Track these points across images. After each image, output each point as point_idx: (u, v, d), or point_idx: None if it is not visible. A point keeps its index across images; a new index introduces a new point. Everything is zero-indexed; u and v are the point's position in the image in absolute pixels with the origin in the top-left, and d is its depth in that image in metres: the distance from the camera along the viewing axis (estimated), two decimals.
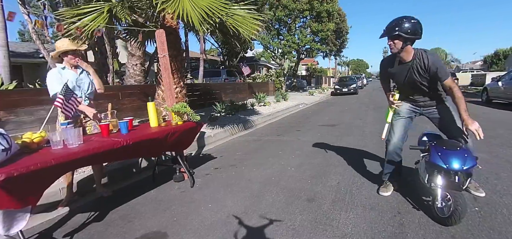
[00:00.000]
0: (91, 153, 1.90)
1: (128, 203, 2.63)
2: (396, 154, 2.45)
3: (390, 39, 2.09)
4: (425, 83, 2.20)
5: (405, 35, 1.99)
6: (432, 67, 2.05)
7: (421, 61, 2.08)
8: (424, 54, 2.09)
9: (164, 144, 2.57)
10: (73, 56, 2.56)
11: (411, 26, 2.00)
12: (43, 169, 1.62)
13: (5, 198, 1.48)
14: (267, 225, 2.11)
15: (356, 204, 2.38)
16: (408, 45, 2.07)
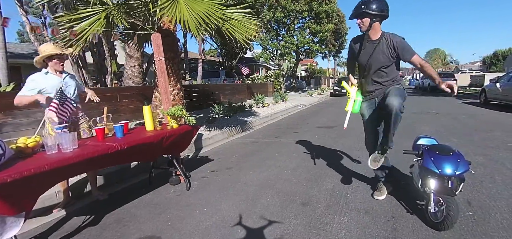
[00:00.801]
0: (86, 158, 1.91)
1: (123, 207, 2.64)
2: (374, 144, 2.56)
3: (359, 17, 2.20)
4: (387, 63, 2.25)
5: (372, 12, 2.11)
6: (399, 45, 2.15)
7: (389, 40, 2.18)
8: (392, 35, 2.21)
9: (160, 148, 2.58)
10: (58, 61, 2.50)
11: (377, 4, 2.11)
12: (37, 174, 1.63)
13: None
14: (261, 229, 2.12)
15: (351, 208, 2.39)
16: (376, 23, 2.17)
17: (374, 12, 2.12)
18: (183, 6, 3.36)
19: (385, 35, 2.21)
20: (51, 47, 2.50)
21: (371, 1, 2.12)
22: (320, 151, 4.34)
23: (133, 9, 3.45)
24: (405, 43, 2.16)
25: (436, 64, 36.88)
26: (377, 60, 2.24)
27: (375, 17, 2.13)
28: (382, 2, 2.14)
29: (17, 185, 1.56)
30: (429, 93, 17.28)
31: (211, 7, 3.45)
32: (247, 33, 3.72)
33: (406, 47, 2.15)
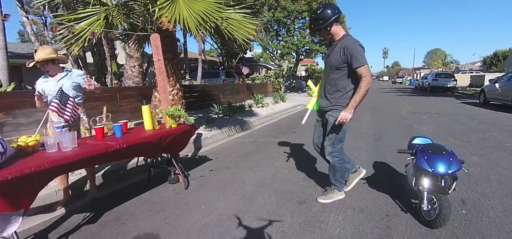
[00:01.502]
0: (84, 156, 1.95)
1: (122, 205, 2.68)
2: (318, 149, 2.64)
3: (321, 33, 2.29)
4: (338, 66, 2.22)
5: (322, 26, 2.21)
6: (350, 51, 2.11)
7: (343, 43, 2.18)
8: (348, 39, 2.19)
9: (158, 147, 2.61)
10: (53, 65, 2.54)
11: (323, 15, 2.19)
12: (37, 172, 1.67)
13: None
14: (257, 227, 2.15)
15: (346, 206, 2.42)
16: (332, 28, 2.21)
17: (322, 25, 2.20)
18: (183, 6, 3.39)
19: (344, 38, 2.22)
20: (43, 53, 2.48)
21: (316, 18, 2.22)
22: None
23: (132, 10, 3.49)
24: (355, 51, 2.10)
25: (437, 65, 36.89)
26: (331, 61, 2.27)
27: (326, 27, 2.20)
28: (325, 10, 2.19)
29: (18, 183, 1.59)
30: (429, 94, 17.31)
31: (210, 6, 3.49)
32: (247, 33, 3.76)
33: (355, 55, 2.10)
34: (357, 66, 2.10)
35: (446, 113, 8.13)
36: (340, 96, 2.26)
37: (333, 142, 2.31)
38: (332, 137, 2.30)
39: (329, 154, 2.34)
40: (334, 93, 2.27)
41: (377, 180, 3.00)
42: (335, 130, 2.28)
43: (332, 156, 2.34)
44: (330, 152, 2.33)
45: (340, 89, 2.25)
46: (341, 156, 2.39)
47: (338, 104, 2.26)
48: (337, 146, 2.34)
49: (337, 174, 2.42)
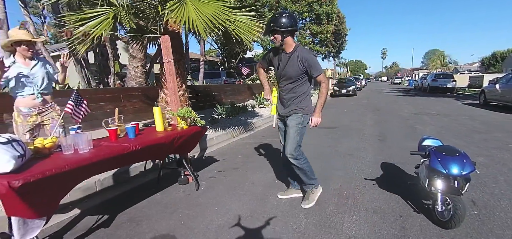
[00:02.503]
0: (102, 158, 1.95)
1: (135, 206, 2.68)
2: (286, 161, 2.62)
3: (271, 34, 2.31)
4: (296, 75, 2.31)
5: (281, 29, 2.21)
6: (307, 61, 2.23)
7: (299, 54, 2.26)
8: (303, 50, 2.29)
9: (170, 148, 2.62)
10: (27, 47, 2.43)
11: (285, 20, 2.21)
12: (57, 175, 1.67)
13: (21, 206, 1.53)
14: (273, 228, 2.17)
15: (359, 207, 2.44)
16: (288, 37, 2.26)
17: (282, 29, 2.21)
18: (191, 8, 3.40)
19: (297, 49, 2.29)
20: (22, 32, 2.42)
21: (278, 19, 2.22)
22: (324, 151, 4.40)
23: (141, 11, 3.49)
24: (313, 61, 2.24)
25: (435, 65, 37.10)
26: (288, 72, 2.33)
27: (284, 33, 2.23)
28: (289, 18, 2.23)
29: (39, 186, 1.60)
30: (428, 94, 17.41)
31: (219, 9, 3.50)
32: (253, 35, 3.77)
33: (313, 65, 2.24)
34: (316, 74, 2.26)
35: (447, 114, 8.19)
36: (299, 101, 2.36)
37: (296, 146, 2.35)
38: (296, 140, 2.35)
39: (295, 158, 2.35)
40: (294, 99, 2.37)
41: (386, 181, 3.02)
42: (297, 133, 2.35)
43: (298, 159, 2.37)
44: (295, 156, 2.35)
45: (299, 95, 2.36)
46: (304, 156, 2.46)
47: (299, 107, 2.36)
48: (300, 149, 2.40)
49: (308, 173, 2.46)
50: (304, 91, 2.37)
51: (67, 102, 2.25)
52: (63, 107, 2.45)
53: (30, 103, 2.55)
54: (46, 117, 2.67)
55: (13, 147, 1.64)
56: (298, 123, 2.36)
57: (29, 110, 2.54)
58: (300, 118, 2.36)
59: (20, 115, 2.53)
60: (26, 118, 2.55)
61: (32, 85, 2.51)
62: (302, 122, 2.37)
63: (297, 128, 2.35)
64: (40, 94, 2.56)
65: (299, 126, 2.36)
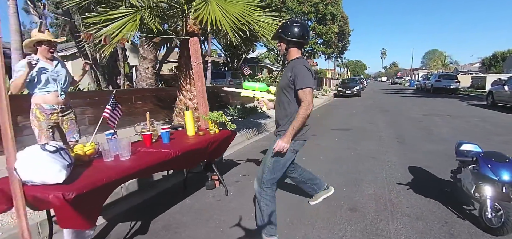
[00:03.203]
0: (148, 166, 1.89)
1: (167, 212, 2.61)
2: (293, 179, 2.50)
3: (277, 41, 2.12)
4: (286, 87, 1.99)
5: (287, 38, 1.99)
6: (294, 72, 1.91)
7: (293, 64, 1.99)
8: (298, 61, 1.98)
9: (205, 153, 2.56)
10: (48, 47, 2.49)
11: (294, 30, 1.98)
12: (107, 184, 1.61)
13: (74, 217, 1.46)
14: (319, 236, 2.11)
15: (400, 214, 2.39)
16: (293, 48, 2.02)
17: (288, 38, 1.98)
18: (216, 8, 3.35)
19: (295, 59, 2.01)
20: (43, 33, 2.47)
21: (288, 27, 2.00)
22: (345, 153, 4.35)
23: (166, 11, 3.42)
24: (300, 74, 1.88)
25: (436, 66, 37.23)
26: (281, 82, 2.06)
27: (290, 43, 2.00)
28: (300, 28, 1.99)
29: (90, 196, 1.53)
30: (432, 95, 17.44)
31: (244, 8, 3.44)
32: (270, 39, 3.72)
33: (299, 76, 1.88)
34: (298, 87, 1.87)
35: (458, 116, 8.18)
36: (286, 122, 1.98)
37: (266, 172, 2.00)
38: (267, 166, 2.01)
39: (258, 185, 2.03)
40: (283, 117, 2.03)
41: (419, 186, 2.97)
42: (272, 159, 2.00)
43: (261, 189, 2.02)
44: (257, 178, 2.05)
45: (287, 115, 2.00)
46: (269, 192, 2.02)
47: (283, 129, 1.99)
48: (267, 177, 2.00)
49: (264, 215, 2.01)
50: (293, 112, 1.96)
51: (105, 107, 2.18)
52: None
53: (53, 100, 2.55)
54: (66, 118, 2.68)
55: (61, 155, 1.57)
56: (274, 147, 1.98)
57: (52, 108, 2.54)
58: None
59: (43, 113, 2.51)
60: (49, 116, 2.53)
61: (56, 83, 2.54)
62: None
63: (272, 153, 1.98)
64: (63, 92, 2.60)
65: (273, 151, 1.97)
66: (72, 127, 2.73)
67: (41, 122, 2.51)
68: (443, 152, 4.29)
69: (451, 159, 3.90)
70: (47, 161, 1.47)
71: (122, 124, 6.53)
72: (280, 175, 2.06)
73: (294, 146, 1.99)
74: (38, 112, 2.50)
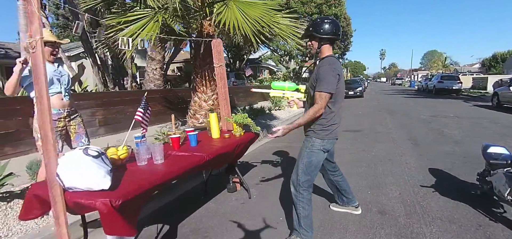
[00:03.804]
0: (183, 171, 1.86)
1: (192, 216, 2.58)
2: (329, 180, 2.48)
3: (308, 39, 2.05)
4: (309, 88, 2.00)
5: (319, 35, 1.93)
6: (318, 72, 1.88)
7: (321, 63, 1.93)
8: (329, 60, 1.91)
9: (231, 156, 2.53)
10: (51, 48, 2.34)
11: (325, 26, 1.92)
12: (149, 190, 1.57)
13: (120, 224, 1.42)
14: None
15: (432, 217, 2.37)
16: (325, 45, 1.96)
17: (321, 35, 1.92)
18: (237, 11, 3.33)
19: (325, 58, 1.94)
20: (47, 33, 2.27)
21: (320, 24, 1.94)
22: (362, 156, 4.33)
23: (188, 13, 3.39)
24: (322, 76, 1.83)
25: (436, 66, 37.38)
26: (310, 81, 2.00)
27: (322, 40, 1.93)
28: (332, 24, 1.93)
29: (134, 202, 1.50)
30: (435, 96, 17.48)
31: (264, 12, 3.42)
32: (296, 38, 3.71)
33: (320, 78, 1.84)
34: (317, 89, 1.84)
35: (465, 117, 8.18)
36: (316, 121, 1.94)
37: (297, 172, 2.01)
38: (300, 166, 2.00)
39: (294, 187, 2.02)
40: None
41: (444, 189, 2.95)
42: (303, 157, 1.99)
43: (297, 192, 2.00)
44: (292, 181, 2.03)
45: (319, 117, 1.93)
46: (305, 195, 1.99)
47: (311, 129, 1.97)
48: (303, 179, 1.98)
49: (301, 217, 1.99)
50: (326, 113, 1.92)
51: (136, 109, 2.14)
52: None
53: (58, 104, 2.35)
54: (73, 122, 2.52)
55: (103, 160, 1.54)
56: (306, 147, 2.00)
57: (58, 112, 2.33)
58: (310, 142, 1.98)
59: None
60: (55, 123, 2.31)
61: (60, 84, 2.37)
62: (311, 146, 1.97)
63: (304, 152, 2.00)
64: (67, 93, 2.42)
65: (306, 151, 1.98)
66: (80, 131, 2.55)
67: None
68: (459, 153, 4.28)
69: (469, 161, 3.89)
70: (92, 167, 1.44)
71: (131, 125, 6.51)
72: (314, 175, 2.03)
73: (324, 144, 1.96)
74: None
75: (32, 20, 1.45)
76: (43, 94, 1.47)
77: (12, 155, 4.40)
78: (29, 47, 1.49)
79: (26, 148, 4.48)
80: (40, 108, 1.49)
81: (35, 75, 1.49)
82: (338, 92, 1.91)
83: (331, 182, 2.46)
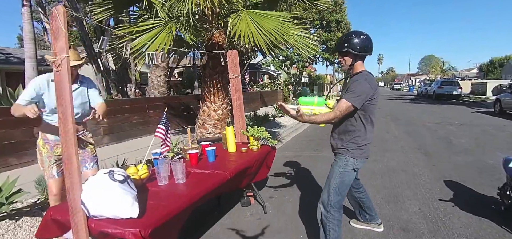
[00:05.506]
0: (209, 190, 1.78)
1: (207, 233, 2.49)
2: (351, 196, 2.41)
3: (340, 55, 1.96)
4: None
5: (354, 52, 1.86)
6: (350, 84, 1.83)
7: (356, 77, 1.85)
8: (363, 75, 1.84)
9: (252, 172, 2.46)
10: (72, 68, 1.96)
11: (360, 42, 1.86)
12: (179, 214, 1.50)
13: None
14: None
15: (457, 235, 2.30)
16: (358, 62, 1.90)
17: (356, 52, 1.85)
18: (250, 23, 3.29)
19: (359, 73, 1.87)
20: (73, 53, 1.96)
21: (354, 38, 1.86)
22: (374, 166, 4.27)
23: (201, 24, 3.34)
24: (354, 84, 1.79)
25: (434, 71, 37.70)
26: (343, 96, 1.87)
27: (357, 57, 1.87)
28: (366, 39, 1.87)
29: (164, 229, 1.42)
30: (435, 101, 17.55)
31: (279, 24, 3.39)
32: (311, 49, 3.67)
33: (351, 86, 1.80)
34: (344, 97, 1.78)
35: (471, 124, 8.18)
36: (349, 139, 1.87)
37: (331, 192, 1.90)
38: (332, 186, 1.90)
39: (324, 208, 1.92)
40: (344, 133, 1.91)
41: (464, 203, 2.88)
42: (336, 179, 1.90)
43: (326, 209, 1.91)
44: (322, 201, 1.94)
45: (350, 130, 1.88)
46: (337, 216, 1.90)
47: (344, 147, 1.89)
48: (335, 199, 1.89)
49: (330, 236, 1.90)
50: (355, 128, 1.85)
51: (157, 126, 2.07)
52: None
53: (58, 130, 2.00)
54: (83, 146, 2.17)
55: (129, 185, 1.46)
56: (339, 166, 1.90)
57: (56, 139, 2.07)
58: (343, 161, 1.89)
59: (46, 144, 2.08)
60: (53, 148, 2.09)
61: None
62: (345, 165, 1.88)
63: (337, 171, 1.90)
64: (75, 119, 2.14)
65: (340, 170, 1.89)
66: (85, 155, 2.23)
67: (43, 156, 2.09)
68: (472, 164, 4.24)
69: (483, 172, 3.85)
70: (119, 193, 1.36)
71: (136, 133, 6.42)
72: (345, 195, 1.97)
73: (357, 164, 1.89)
74: (41, 144, 2.09)
75: (57, 37, 1.39)
76: (67, 116, 1.40)
77: (17, 165, 4.30)
78: (53, 66, 1.42)
79: (30, 158, 4.38)
80: (64, 130, 1.42)
81: (59, 95, 1.42)
82: (372, 110, 1.86)
83: (354, 198, 2.39)
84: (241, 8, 3.24)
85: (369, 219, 2.42)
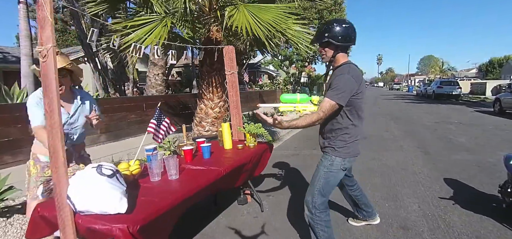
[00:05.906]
0: (203, 186, 1.73)
1: (203, 232, 2.44)
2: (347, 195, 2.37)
3: (321, 46, 1.80)
4: None
5: (335, 42, 1.70)
6: (335, 80, 1.68)
7: (338, 70, 1.73)
8: (345, 68, 1.71)
9: (249, 169, 2.41)
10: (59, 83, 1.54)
11: (342, 31, 1.69)
12: (169, 211, 1.44)
13: None
14: None
15: (458, 233, 2.26)
16: (340, 53, 1.76)
17: (339, 43, 1.70)
18: (248, 15, 3.24)
19: (342, 66, 1.74)
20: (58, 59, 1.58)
21: (336, 29, 1.70)
22: (373, 164, 4.22)
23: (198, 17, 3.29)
24: (336, 80, 1.66)
25: (434, 72, 37.69)
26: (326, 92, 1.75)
27: (338, 48, 1.72)
28: (348, 28, 1.71)
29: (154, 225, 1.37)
30: (435, 101, 17.53)
31: (278, 16, 3.34)
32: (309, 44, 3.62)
33: (333, 86, 1.66)
34: (326, 95, 1.65)
35: (470, 123, 8.14)
36: (337, 137, 1.78)
37: (315, 192, 1.82)
38: (316, 185, 1.82)
39: (308, 209, 1.83)
40: (331, 131, 1.82)
41: (464, 201, 2.84)
42: (321, 178, 1.81)
43: (312, 214, 1.81)
44: (306, 203, 1.85)
45: (335, 129, 1.78)
46: (323, 217, 1.81)
47: (331, 145, 1.80)
48: (319, 200, 1.80)
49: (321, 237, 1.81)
50: (342, 125, 1.75)
51: (149, 121, 2.01)
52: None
53: None
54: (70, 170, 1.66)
55: (118, 179, 1.41)
56: (324, 166, 1.82)
57: (48, 162, 1.71)
58: (328, 161, 1.81)
59: (37, 165, 1.87)
60: (44, 170, 1.87)
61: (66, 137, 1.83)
62: (330, 165, 1.80)
63: (322, 171, 1.83)
64: (73, 146, 1.91)
65: (324, 170, 1.82)
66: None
67: (30, 177, 1.87)
68: (472, 162, 4.19)
69: (483, 170, 3.81)
70: (107, 188, 1.31)
71: (133, 132, 6.36)
72: (329, 195, 1.87)
73: (345, 163, 1.79)
74: (31, 164, 1.88)
75: (43, 27, 1.33)
76: (53, 108, 1.34)
77: (12, 163, 4.23)
78: (40, 56, 1.36)
79: (25, 157, 4.30)
80: (50, 123, 1.37)
81: (45, 86, 1.36)
82: (359, 104, 1.74)
83: (349, 197, 2.34)
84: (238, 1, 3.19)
85: (366, 215, 2.37)
